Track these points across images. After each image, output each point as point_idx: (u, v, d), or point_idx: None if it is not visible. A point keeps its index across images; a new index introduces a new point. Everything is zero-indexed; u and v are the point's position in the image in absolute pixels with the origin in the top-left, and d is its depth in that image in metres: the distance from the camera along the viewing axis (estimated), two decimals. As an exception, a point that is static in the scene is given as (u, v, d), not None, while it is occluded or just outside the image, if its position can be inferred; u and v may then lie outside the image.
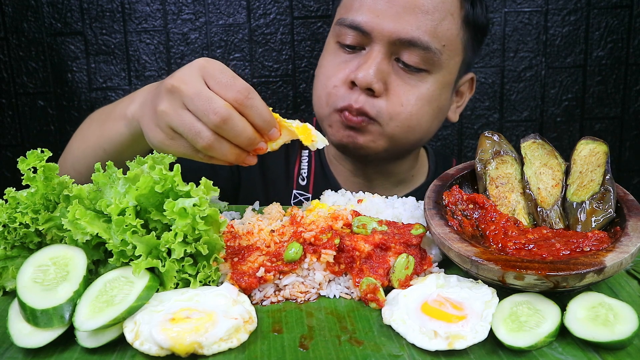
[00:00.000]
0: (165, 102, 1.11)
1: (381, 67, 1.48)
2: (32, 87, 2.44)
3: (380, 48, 1.48)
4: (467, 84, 1.73)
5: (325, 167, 1.81)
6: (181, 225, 0.94)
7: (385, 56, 1.49)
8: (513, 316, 0.90)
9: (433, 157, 1.89)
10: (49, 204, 1.04)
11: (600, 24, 2.44)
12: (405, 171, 1.79)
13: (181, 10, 2.39)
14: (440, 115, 1.63)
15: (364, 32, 1.49)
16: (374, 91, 1.48)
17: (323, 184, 1.78)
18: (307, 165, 1.82)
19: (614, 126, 2.55)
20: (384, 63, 1.49)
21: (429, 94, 1.53)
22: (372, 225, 1.08)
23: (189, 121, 1.09)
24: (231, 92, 1.08)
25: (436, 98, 1.56)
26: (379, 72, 1.47)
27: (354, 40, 1.52)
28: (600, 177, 1.13)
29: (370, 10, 1.48)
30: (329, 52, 1.61)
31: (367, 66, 1.47)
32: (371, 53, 1.49)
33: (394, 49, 1.49)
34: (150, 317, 0.87)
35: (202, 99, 1.07)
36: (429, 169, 1.87)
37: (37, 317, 0.86)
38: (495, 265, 0.93)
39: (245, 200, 1.77)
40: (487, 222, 1.10)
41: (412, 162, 1.79)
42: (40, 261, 0.94)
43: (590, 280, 0.91)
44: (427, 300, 0.94)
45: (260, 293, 1.01)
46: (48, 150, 1.04)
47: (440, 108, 1.60)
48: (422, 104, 1.53)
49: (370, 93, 1.49)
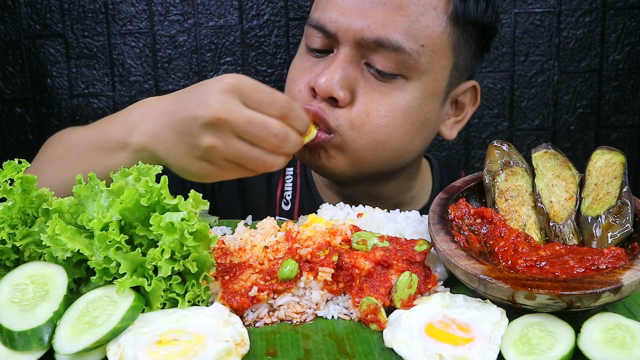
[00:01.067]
0: (210, 136, 1.13)
1: (347, 73, 1.37)
2: (9, 93, 2.44)
3: (347, 50, 1.37)
4: (468, 94, 1.58)
5: (312, 188, 1.71)
6: (168, 241, 0.94)
7: (352, 59, 1.38)
8: (524, 338, 0.90)
9: (438, 172, 1.77)
10: (27, 218, 1.04)
11: (617, 26, 2.45)
12: (399, 194, 1.67)
13: (168, 11, 2.40)
14: (425, 131, 1.49)
15: (328, 34, 1.39)
16: (338, 101, 1.37)
17: (310, 208, 1.55)
18: (292, 187, 1.72)
19: (632, 135, 2.55)
20: (350, 68, 1.38)
21: (405, 104, 1.41)
22: (373, 241, 1.08)
23: (247, 150, 1.15)
24: (276, 109, 1.15)
25: (415, 109, 1.42)
26: (344, 79, 1.36)
27: (321, 43, 1.42)
28: (617, 190, 1.13)
29: (336, 7, 1.38)
30: (298, 55, 1.52)
31: (330, 71, 1.36)
32: (337, 56, 1.38)
33: (363, 52, 1.38)
34: (136, 340, 0.87)
35: (258, 127, 1.13)
36: (433, 186, 1.75)
37: (14, 340, 0.86)
38: (505, 284, 0.93)
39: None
40: (496, 237, 1.11)
41: (406, 183, 1.67)
42: (18, 279, 0.94)
43: (606, 300, 0.91)
44: (432, 321, 0.94)
45: (253, 314, 1.01)
46: (26, 161, 1.05)
47: (423, 122, 1.46)
48: (394, 115, 1.40)
49: (334, 103, 1.38)
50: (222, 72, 2.43)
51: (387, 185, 1.60)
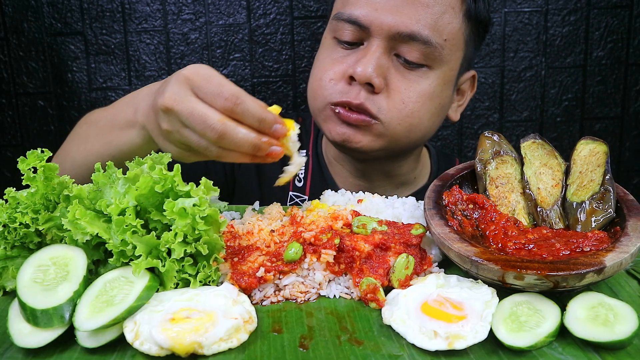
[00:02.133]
0: (165, 122, 1.11)
1: (380, 62, 1.44)
2: (32, 87, 2.44)
3: (380, 42, 1.44)
4: (468, 82, 1.68)
5: (324, 167, 1.77)
6: (181, 225, 0.94)
7: (384, 51, 1.44)
8: (513, 316, 0.90)
9: (435, 158, 1.85)
10: (49, 204, 1.04)
11: (600, 24, 2.44)
12: (407, 172, 1.75)
13: (181, 11, 2.39)
14: (442, 113, 1.59)
15: (362, 27, 1.45)
16: (374, 87, 1.43)
17: (321, 185, 1.73)
18: (305, 166, 1.76)
19: (614, 126, 2.54)
20: (383, 58, 1.44)
21: (431, 90, 1.49)
22: (372, 225, 1.08)
23: (194, 139, 1.09)
24: (220, 101, 1.07)
25: (438, 95, 1.52)
26: (379, 67, 1.43)
27: (352, 36, 1.48)
28: (600, 177, 1.13)
29: (368, 3, 1.44)
30: (325, 48, 1.57)
31: (366, 60, 1.43)
32: (370, 47, 1.45)
33: (393, 44, 1.45)
34: (150, 317, 0.87)
35: (196, 118, 1.06)
36: (431, 170, 1.83)
37: (37, 317, 0.86)
38: (495, 265, 0.93)
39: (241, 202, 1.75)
40: (487, 222, 1.10)
41: (414, 162, 1.75)
42: (41, 261, 0.94)
43: (590, 280, 0.91)
44: (427, 300, 0.94)
45: (260, 293, 1.01)
46: (48, 150, 1.04)
47: (442, 105, 1.56)
48: (423, 100, 1.49)
49: (370, 89, 1.44)
50: (231, 68, 2.42)
51: (400, 163, 1.70)
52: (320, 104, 1.52)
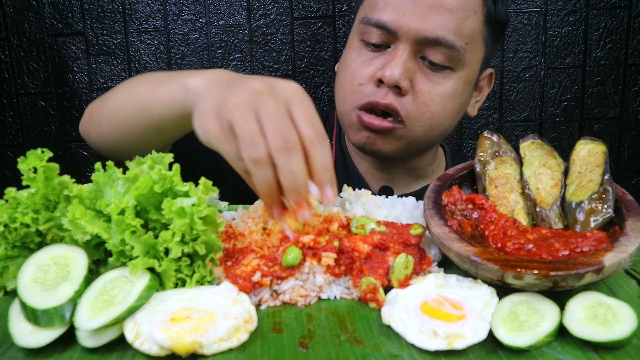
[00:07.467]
0: (241, 97, 1.00)
1: (407, 65, 1.48)
2: (33, 87, 2.44)
3: (406, 46, 1.48)
4: (486, 79, 1.74)
5: (347, 157, 1.79)
6: (179, 225, 0.94)
7: (410, 54, 1.49)
8: (512, 316, 0.90)
9: (450, 154, 1.90)
10: (49, 204, 1.04)
11: (599, 25, 2.44)
12: (427, 166, 1.79)
13: (182, 11, 2.39)
14: (461, 112, 1.65)
15: (389, 31, 1.49)
16: (401, 89, 1.48)
17: (344, 176, 1.74)
18: None
19: (613, 126, 2.55)
20: (410, 61, 1.49)
21: (452, 91, 1.54)
22: (371, 225, 1.08)
23: (253, 129, 0.97)
24: (311, 129, 0.99)
25: (459, 95, 1.57)
26: (406, 70, 1.48)
27: (379, 39, 1.52)
28: (599, 177, 1.12)
29: (395, 9, 1.48)
30: (352, 50, 1.60)
31: (394, 64, 1.47)
32: (397, 51, 1.49)
33: (419, 48, 1.49)
34: (151, 317, 0.87)
35: (281, 121, 0.97)
36: (446, 164, 1.88)
37: (38, 317, 0.86)
38: (495, 265, 0.92)
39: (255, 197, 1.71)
40: (487, 222, 1.10)
41: (433, 156, 1.80)
42: (41, 261, 0.94)
43: (589, 280, 0.91)
44: (427, 299, 0.93)
45: (255, 297, 1.00)
46: (48, 150, 1.04)
47: (462, 105, 1.62)
48: (445, 102, 1.54)
49: (397, 91, 1.49)
50: (231, 68, 2.42)
51: (421, 158, 1.74)
52: (349, 107, 1.57)
